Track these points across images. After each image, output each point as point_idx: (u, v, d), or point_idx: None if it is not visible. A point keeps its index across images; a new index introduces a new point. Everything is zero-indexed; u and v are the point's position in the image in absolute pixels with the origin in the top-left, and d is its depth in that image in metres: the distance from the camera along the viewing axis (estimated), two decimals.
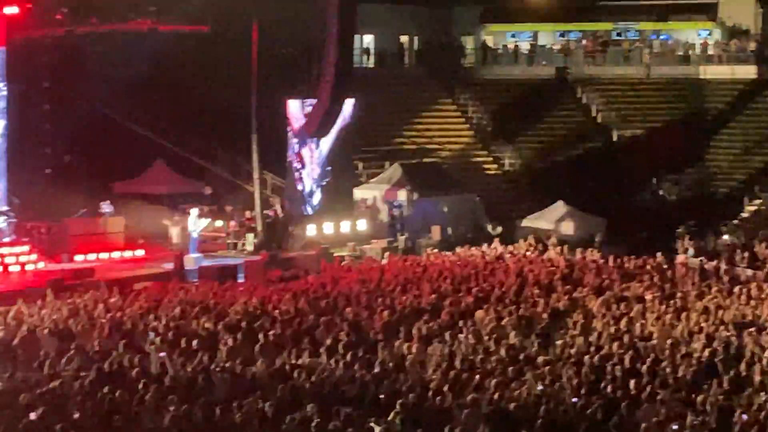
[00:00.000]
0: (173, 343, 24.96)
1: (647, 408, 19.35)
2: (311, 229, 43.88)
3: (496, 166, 55.23)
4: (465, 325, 26.66)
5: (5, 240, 38.32)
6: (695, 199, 51.70)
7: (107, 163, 46.19)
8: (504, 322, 26.91)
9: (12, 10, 38.09)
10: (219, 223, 44.24)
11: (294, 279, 35.60)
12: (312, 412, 18.55)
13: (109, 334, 26.03)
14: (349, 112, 45.47)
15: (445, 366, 22.48)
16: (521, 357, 23.32)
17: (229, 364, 22.81)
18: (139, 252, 41.03)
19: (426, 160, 52.19)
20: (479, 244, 41.18)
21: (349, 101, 45.23)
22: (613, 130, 56.72)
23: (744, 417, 18.75)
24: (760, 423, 18.48)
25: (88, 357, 23.57)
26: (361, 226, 45.36)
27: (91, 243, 40.02)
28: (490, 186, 52.94)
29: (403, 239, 44.20)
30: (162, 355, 23.77)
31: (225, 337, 25.51)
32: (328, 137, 45.51)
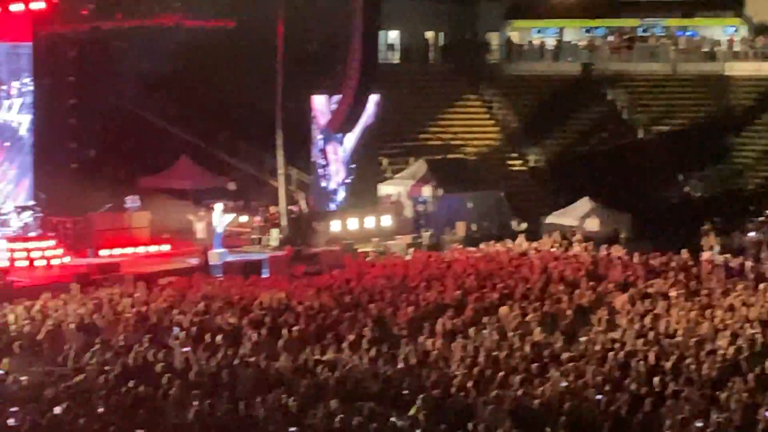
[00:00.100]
0: (198, 337, 25.07)
1: (671, 405, 19.31)
2: (335, 225, 43.79)
3: (521, 162, 55.04)
4: (489, 322, 26.67)
5: (31, 234, 38.50)
6: (721, 195, 51.52)
7: (132, 158, 46.30)
8: (528, 319, 26.91)
9: (38, 5, 38.30)
10: (244, 218, 44.21)
11: (318, 274, 35.64)
12: (335, 407, 18.60)
13: (134, 329, 26.16)
14: (373, 108, 45.44)
15: (469, 362, 22.48)
16: (545, 353, 23.32)
17: (253, 359, 22.88)
18: (164, 247, 41.04)
19: (451, 156, 52.05)
20: (504, 240, 41.08)
21: (374, 97, 45.19)
22: (638, 127, 56.51)
23: None
24: None
25: (113, 351, 23.69)
26: (386, 221, 45.27)
27: (117, 238, 40.06)
28: (515, 182, 52.72)
29: (428, 235, 44.16)
30: (186, 349, 23.87)
31: (249, 332, 25.58)
32: (353, 134, 45.45)
